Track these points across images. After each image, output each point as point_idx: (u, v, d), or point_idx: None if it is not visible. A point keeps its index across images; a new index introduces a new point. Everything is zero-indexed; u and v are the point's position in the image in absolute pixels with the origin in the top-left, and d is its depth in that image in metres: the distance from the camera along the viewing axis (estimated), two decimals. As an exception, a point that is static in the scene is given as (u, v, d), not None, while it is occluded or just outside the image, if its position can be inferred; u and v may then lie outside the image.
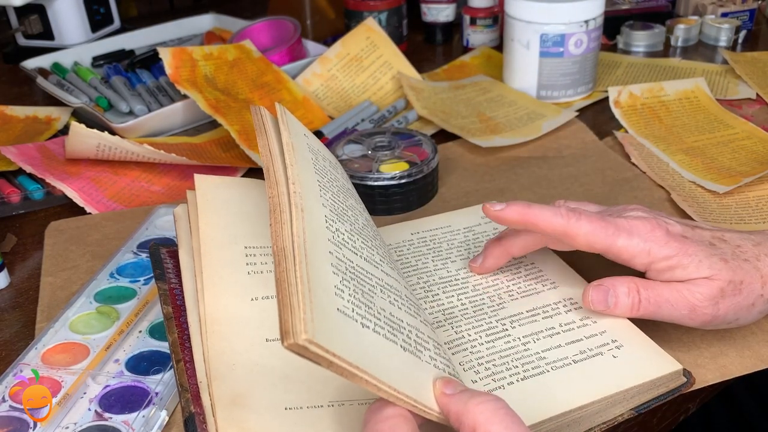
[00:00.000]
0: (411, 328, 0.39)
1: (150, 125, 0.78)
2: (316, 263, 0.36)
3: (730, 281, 0.42)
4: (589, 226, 0.43)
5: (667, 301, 0.42)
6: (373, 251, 0.43)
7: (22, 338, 0.51)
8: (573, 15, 0.78)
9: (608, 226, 0.43)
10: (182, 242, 0.45)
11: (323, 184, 0.43)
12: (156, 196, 0.68)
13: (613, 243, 0.43)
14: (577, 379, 0.42)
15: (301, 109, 0.82)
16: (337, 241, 0.39)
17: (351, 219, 0.43)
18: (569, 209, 0.44)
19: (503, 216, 0.44)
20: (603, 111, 0.82)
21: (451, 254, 0.53)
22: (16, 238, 0.63)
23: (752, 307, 0.43)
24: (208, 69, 0.81)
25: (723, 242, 0.44)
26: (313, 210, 0.40)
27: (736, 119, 0.77)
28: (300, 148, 0.44)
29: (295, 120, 0.47)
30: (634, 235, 0.43)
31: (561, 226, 0.43)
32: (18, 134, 0.78)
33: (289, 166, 0.41)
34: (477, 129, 0.76)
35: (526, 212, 0.44)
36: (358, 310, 0.36)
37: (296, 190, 0.39)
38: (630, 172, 0.68)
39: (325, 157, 0.48)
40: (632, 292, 0.43)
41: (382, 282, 0.41)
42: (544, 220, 0.43)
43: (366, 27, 0.89)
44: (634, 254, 0.43)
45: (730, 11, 1.03)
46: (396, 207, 0.63)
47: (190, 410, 0.37)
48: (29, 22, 1.00)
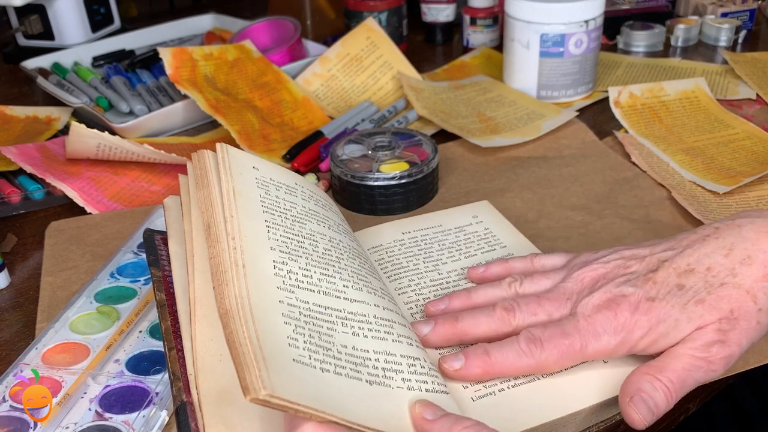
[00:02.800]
0: (378, 356, 0.39)
1: (150, 125, 0.78)
2: (264, 318, 0.36)
3: (720, 319, 0.39)
4: (556, 351, 0.40)
5: (684, 370, 0.39)
6: (335, 278, 0.42)
7: (23, 338, 0.51)
8: (573, 15, 0.78)
9: (573, 342, 0.40)
10: (172, 232, 0.45)
11: (273, 222, 0.43)
12: (156, 196, 0.68)
13: (585, 355, 0.40)
14: (569, 386, 0.42)
15: (301, 109, 0.82)
16: (288, 285, 0.39)
17: (308, 250, 0.43)
18: (529, 339, 0.40)
19: (465, 376, 0.41)
20: (603, 111, 0.82)
21: (442, 256, 0.53)
22: (17, 238, 0.63)
23: (758, 326, 0.40)
24: (208, 69, 0.81)
25: (691, 275, 0.41)
26: (259, 260, 0.39)
27: (737, 119, 0.77)
28: (245, 189, 0.43)
29: (240, 155, 0.46)
30: (601, 334, 0.40)
31: (529, 369, 0.41)
32: (18, 134, 0.78)
33: (228, 219, 0.40)
34: (477, 129, 0.76)
35: (489, 364, 0.40)
36: (316, 355, 0.36)
37: (237, 245, 0.39)
38: (630, 171, 0.68)
39: (281, 183, 0.47)
40: (655, 383, 0.39)
41: (344, 313, 0.40)
42: (510, 366, 0.40)
43: (366, 27, 0.89)
44: (611, 352, 0.40)
45: (730, 11, 1.03)
46: (396, 207, 0.63)
47: (182, 399, 0.37)
48: (29, 22, 1.00)
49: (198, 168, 0.44)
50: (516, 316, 0.43)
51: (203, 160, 0.44)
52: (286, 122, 0.80)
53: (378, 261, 0.53)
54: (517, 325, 0.43)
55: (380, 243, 0.55)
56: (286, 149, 0.74)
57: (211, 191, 0.42)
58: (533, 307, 0.43)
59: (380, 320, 0.42)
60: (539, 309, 0.43)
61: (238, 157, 0.46)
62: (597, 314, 0.41)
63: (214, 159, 0.45)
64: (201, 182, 0.43)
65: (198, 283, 0.41)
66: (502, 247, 0.54)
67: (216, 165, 0.44)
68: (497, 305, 0.43)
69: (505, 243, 0.55)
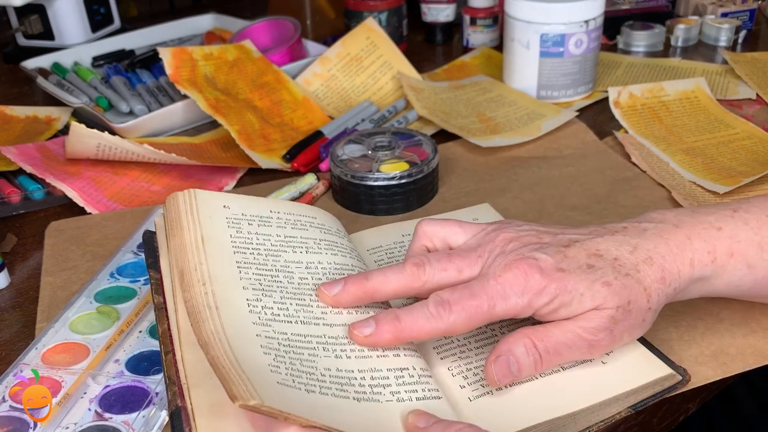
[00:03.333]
0: (364, 374, 0.39)
1: (150, 125, 0.78)
2: (243, 349, 0.36)
3: (618, 306, 0.40)
4: (464, 313, 0.40)
5: (565, 345, 0.41)
6: (312, 307, 0.42)
7: (22, 338, 0.51)
8: (573, 15, 0.78)
9: (481, 303, 0.40)
10: (163, 250, 0.45)
11: (245, 261, 0.43)
12: (156, 196, 0.68)
13: (493, 315, 0.40)
14: (566, 386, 0.42)
15: (301, 109, 0.82)
16: (264, 320, 0.39)
17: (282, 283, 0.43)
18: (437, 303, 0.40)
19: (376, 341, 0.40)
20: (603, 111, 0.82)
21: None
22: (17, 238, 0.63)
23: (643, 323, 0.42)
24: (208, 69, 0.81)
25: (599, 258, 0.41)
26: (232, 301, 0.40)
27: (737, 119, 0.77)
28: (215, 233, 0.44)
29: (209, 196, 0.46)
30: (510, 295, 0.40)
31: (439, 331, 0.40)
32: (18, 134, 0.78)
33: (198, 267, 0.41)
34: (477, 129, 0.76)
35: (399, 329, 0.40)
36: (299, 378, 0.36)
37: (208, 290, 0.40)
38: (630, 171, 0.68)
39: (254, 216, 0.48)
40: (530, 349, 0.40)
41: (325, 338, 0.40)
42: (421, 330, 0.40)
43: (366, 27, 0.89)
44: (517, 313, 0.40)
45: (730, 11, 1.03)
46: (396, 207, 0.63)
47: (177, 404, 0.37)
48: (29, 22, 1.00)
49: (172, 211, 0.45)
50: (426, 271, 0.42)
51: (176, 205, 0.45)
52: (286, 122, 0.80)
53: (377, 262, 0.53)
54: (427, 279, 0.42)
55: (380, 244, 0.55)
56: (286, 149, 0.74)
57: (184, 238, 0.43)
58: (444, 263, 0.43)
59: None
60: (449, 264, 0.43)
61: (206, 200, 0.46)
62: (507, 273, 0.40)
63: (184, 204, 0.45)
64: (173, 228, 0.44)
65: (181, 313, 0.41)
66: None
67: (186, 211, 0.45)
68: (407, 262, 0.43)
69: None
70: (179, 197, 0.46)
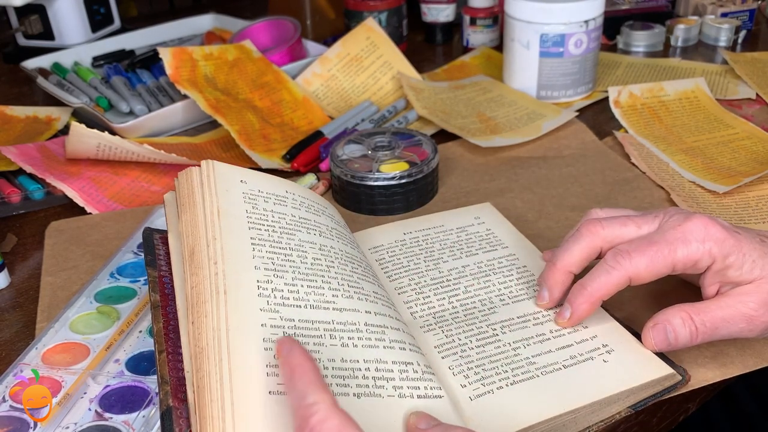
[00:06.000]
0: (369, 364, 0.39)
1: (150, 125, 0.78)
2: (241, 352, 0.36)
3: None
4: (644, 258, 0.41)
5: (722, 319, 0.41)
6: (323, 289, 0.42)
7: (23, 338, 0.51)
8: (573, 15, 0.78)
9: (661, 247, 0.41)
10: (171, 227, 0.45)
11: (259, 237, 0.43)
12: (156, 196, 0.68)
13: (673, 259, 0.41)
14: (567, 384, 0.42)
15: (301, 109, 0.82)
16: (273, 305, 0.39)
17: (295, 263, 0.43)
18: (615, 254, 0.42)
19: (579, 318, 0.44)
20: (603, 111, 0.82)
21: (443, 255, 0.53)
22: (17, 238, 0.63)
23: None
24: (208, 69, 0.81)
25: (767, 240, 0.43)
26: (242, 284, 0.39)
27: (736, 119, 0.77)
28: (231, 208, 0.43)
29: (227, 169, 0.46)
30: (691, 240, 0.41)
31: (622, 279, 0.42)
32: (18, 134, 0.78)
33: (211, 243, 0.41)
34: (477, 129, 0.76)
35: (589, 294, 0.43)
36: None
37: (219, 269, 0.39)
38: (630, 172, 0.68)
39: (271, 194, 0.47)
40: (687, 321, 0.42)
41: (333, 324, 0.40)
42: (606, 287, 0.42)
43: (366, 27, 0.89)
44: (696, 259, 0.41)
45: (730, 11, 1.03)
46: (396, 207, 0.63)
47: (168, 404, 0.37)
48: (29, 22, 1.00)
49: (185, 186, 0.45)
50: (604, 227, 0.44)
51: (190, 179, 0.45)
52: (286, 122, 0.80)
53: (378, 261, 0.53)
54: (605, 235, 0.44)
55: (381, 243, 0.55)
56: (286, 149, 0.74)
57: (197, 213, 0.43)
58: (623, 220, 0.44)
59: (371, 327, 0.42)
60: (628, 221, 0.44)
61: (224, 173, 0.46)
62: (688, 222, 0.42)
63: (199, 177, 0.45)
64: (185, 204, 0.44)
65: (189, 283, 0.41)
66: (504, 248, 0.54)
67: (201, 184, 0.44)
68: (609, 258, 0.43)
69: (507, 243, 0.55)
70: (194, 171, 0.45)
